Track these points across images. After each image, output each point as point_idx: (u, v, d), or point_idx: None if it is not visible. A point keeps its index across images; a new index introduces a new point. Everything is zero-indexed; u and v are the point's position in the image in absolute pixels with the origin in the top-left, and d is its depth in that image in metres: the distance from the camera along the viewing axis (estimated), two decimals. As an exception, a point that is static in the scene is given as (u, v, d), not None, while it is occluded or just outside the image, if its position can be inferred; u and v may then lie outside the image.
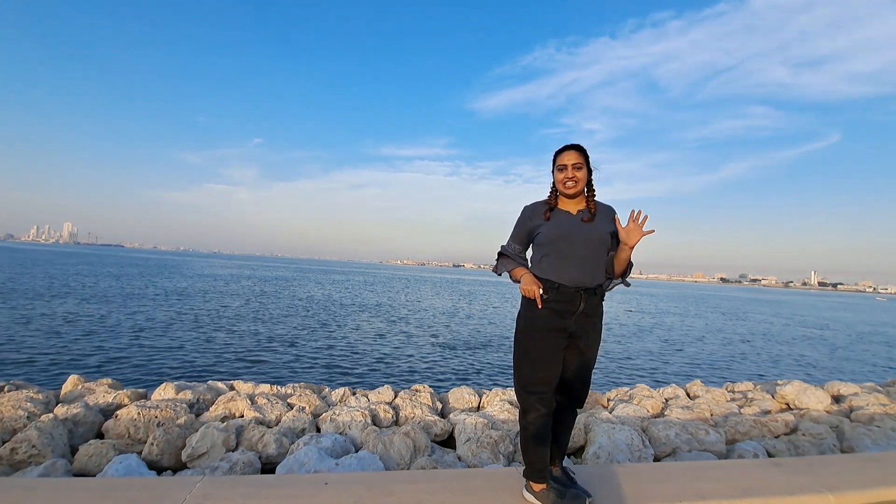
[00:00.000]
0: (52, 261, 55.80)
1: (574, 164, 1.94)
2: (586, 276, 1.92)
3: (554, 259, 1.94)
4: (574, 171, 1.94)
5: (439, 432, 3.99)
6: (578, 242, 1.93)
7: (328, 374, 9.32)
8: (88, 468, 3.01)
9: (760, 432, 4.22)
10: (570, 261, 1.92)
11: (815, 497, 2.13)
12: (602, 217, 1.99)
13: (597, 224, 1.96)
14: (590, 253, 1.93)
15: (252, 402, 4.15)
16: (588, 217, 1.97)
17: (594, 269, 1.94)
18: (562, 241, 1.94)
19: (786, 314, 39.56)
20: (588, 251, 1.93)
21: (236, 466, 3.01)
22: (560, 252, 1.94)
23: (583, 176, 1.95)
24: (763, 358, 15.46)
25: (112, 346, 10.37)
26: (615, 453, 3.50)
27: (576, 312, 1.91)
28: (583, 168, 1.95)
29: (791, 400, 5.28)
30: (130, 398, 4.16)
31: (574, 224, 1.96)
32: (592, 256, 1.93)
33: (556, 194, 2.02)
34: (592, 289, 1.93)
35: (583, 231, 1.94)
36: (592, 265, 1.94)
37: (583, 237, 1.93)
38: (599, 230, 1.95)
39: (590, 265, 1.93)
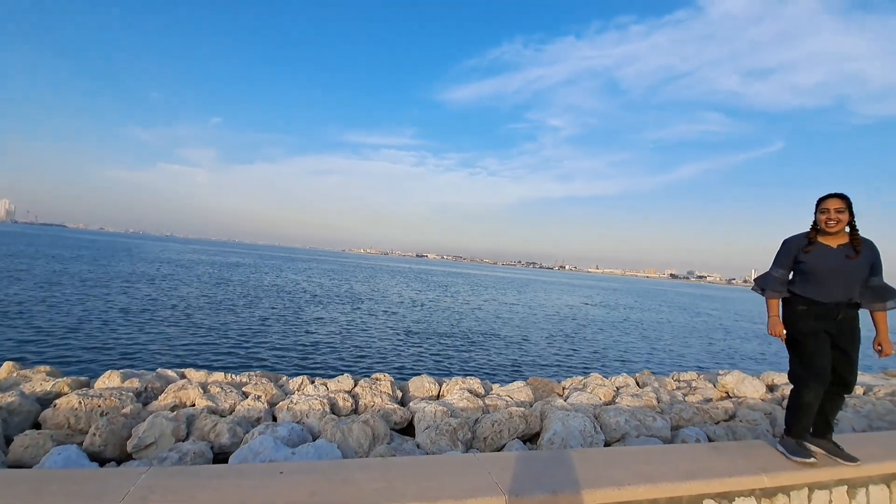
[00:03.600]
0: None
1: (836, 209, 2.51)
2: (842, 294, 2.55)
3: (812, 282, 2.62)
4: (836, 214, 2.50)
5: (399, 420, 3.99)
6: (836, 272, 2.55)
7: (286, 362, 9.14)
8: (24, 460, 2.82)
9: (702, 419, 4.47)
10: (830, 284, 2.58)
11: (751, 478, 2.29)
12: (864, 253, 2.52)
13: (859, 260, 2.51)
14: (846, 279, 2.54)
15: (204, 391, 4.01)
16: (852, 255, 2.52)
17: (850, 290, 2.55)
18: (821, 271, 2.58)
19: (728, 309, 41.98)
20: (846, 278, 2.55)
21: (186, 457, 2.90)
22: (818, 277, 2.60)
23: (844, 219, 2.50)
24: (708, 349, 16.37)
25: (53, 332, 9.73)
26: (569, 439, 3.61)
27: (836, 319, 2.56)
28: (844, 212, 2.50)
29: (731, 389, 5.61)
30: (71, 386, 3.92)
31: (833, 258, 2.56)
32: (847, 281, 2.54)
33: (815, 231, 2.62)
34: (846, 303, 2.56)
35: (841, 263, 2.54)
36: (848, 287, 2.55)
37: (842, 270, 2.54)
38: (859, 264, 2.52)
39: (846, 287, 2.55)
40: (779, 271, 2.75)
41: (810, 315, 2.61)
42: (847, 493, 2.50)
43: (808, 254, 2.61)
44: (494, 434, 3.67)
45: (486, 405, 4.42)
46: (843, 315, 2.57)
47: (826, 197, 2.57)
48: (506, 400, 4.68)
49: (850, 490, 2.51)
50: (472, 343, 13.12)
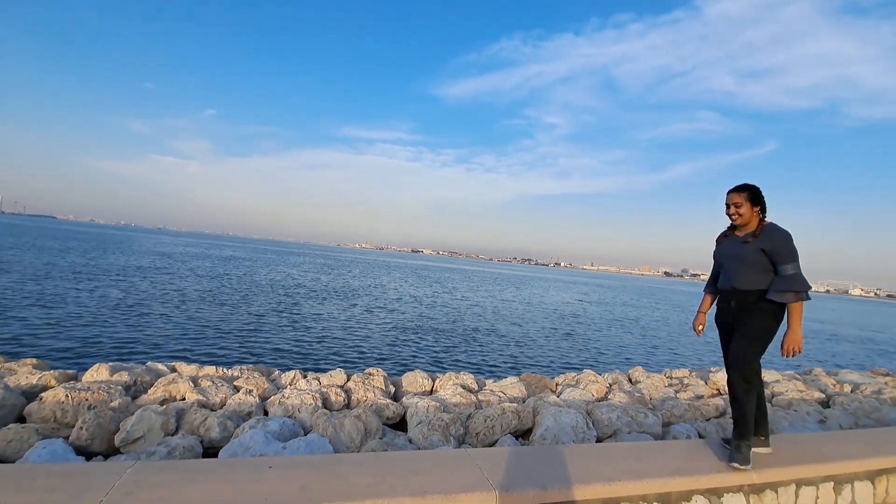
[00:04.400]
0: (-30, 231, 50.94)
1: (734, 204, 2.53)
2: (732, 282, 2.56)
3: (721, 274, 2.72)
4: (735, 209, 2.54)
5: (391, 415, 3.98)
6: (729, 259, 2.59)
7: (279, 356, 9.09)
8: (7, 454, 2.78)
9: (693, 415, 4.50)
10: (724, 273, 2.66)
11: (739, 474, 2.30)
12: (762, 237, 2.48)
13: (753, 243, 2.48)
14: (734, 266, 2.56)
15: (195, 385, 3.97)
16: (751, 238, 2.50)
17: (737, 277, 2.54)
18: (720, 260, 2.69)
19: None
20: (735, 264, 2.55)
21: (175, 451, 2.87)
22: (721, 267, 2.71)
23: (743, 212, 2.51)
24: (701, 347, 16.48)
25: (40, 324, 9.62)
26: (561, 435, 3.62)
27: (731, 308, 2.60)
28: (742, 205, 2.51)
29: (722, 386, 5.65)
30: (58, 379, 3.87)
31: (733, 245, 2.60)
32: (737, 267, 2.54)
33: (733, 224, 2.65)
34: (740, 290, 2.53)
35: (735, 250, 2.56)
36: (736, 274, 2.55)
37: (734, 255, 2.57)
38: (748, 249, 2.49)
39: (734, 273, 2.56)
40: (715, 266, 2.84)
41: (717, 306, 2.74)
42: (833, 490, 2.52)
43: (720, 245, 2.71)
44: (487, 429, 3.66)
45: (479, 401, 4.42)
46: (735, 303, 2.57)
47: (728, 191, 2.60)
48: (499, 396, 4.68)
49: (837, 486, 2.53)
50: (467, 339, 13.13)
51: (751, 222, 2.56)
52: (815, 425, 4.28)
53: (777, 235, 2.46)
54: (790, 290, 2.39)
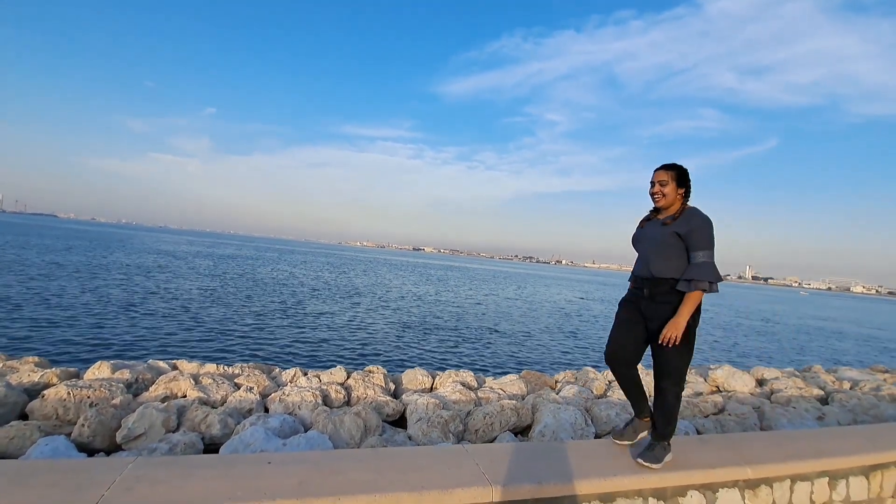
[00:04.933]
0: (-28, 230, 51.05)
1: (659, 181, 2.33)
2: (645, 269, 2.35)
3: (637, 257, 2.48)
4: (659, 187, 2.33)
5: (391, 412, 4.00)
6: (644, 243, 2.39)
7: (280, 354, 9.13)
8: (9, 451, 2.81)
9: (692, 412, 4.51)
10: (638, 258, 2.43)
11: (735, 469, 2.32)
12: (679, 220, 2.29)
13: (669, 226, 2.29)
14: (647, 251, 2.35)
15: (196, 382, 4.00)
16: (670, 220, 2.31)
17: (651, 263, 2.32)
18: (636, 244, 2.45)
19: (722, 304, 42.28)
20: (646, 249, 2.36)
21: (176, 448, 2.90)
22: (637, 252, 2.46)
23: (667, 191, 2.32)
24: (700, 344, 16.51)
25: (42, 323, 9.66)
26: (559, 432, 3.64)
27: (643, 296, 2.36)
28: (667, 184, 2.32)
29: (721, 383, 5.67)
30: (60, 377, 3.90)
31: (649, 229, 2.41)
32: (649, 253, 2.33)
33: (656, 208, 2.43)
34: (655, 278, 2.31)
35: (651, 233, 2.37)
36: (649, 259, 2.33)
37: (649, 239, 2.36)
38: (664, 232, 2.29)
39: (647, 260, 2.34)
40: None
41: (629, 290, 2.50)
42: (828, 485, 2.53)
43: (640, 229, 2.48)
44: (486, 426, 3.68)
45: (479, 398, 4.44)
46: (648, 291, 2.34)
47: (655, 169, 2.39)
48: (498, 393, 4.70)
49: (832, 481, 2.55)
50: (468, 337, 13.15)
51: (673, 205, 2.36)
52: (814, 422, 4.30)
53: (695, 219, 2.26)
54: (697, 278, 2.19)
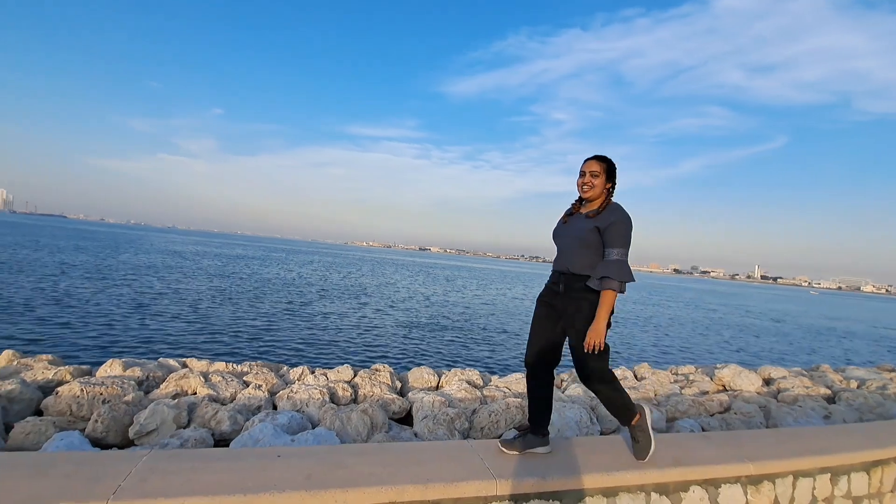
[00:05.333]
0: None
1: (591, 172, 2.23)
2: (562, 263, 2.26)
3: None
4: (590, 177, 2.23)
5: (397, 410, 4.05)
6: (564, 237, 2.29)
7: (288, 352, 9.21)
8: (25, 446, 2.89)
9: (698, 411, 4.52)
10: (558, 253, 2.33)
11: (737, 466, 2.33)
12: (601, 215, 2.20)
13: (590, 220, 2.21)
14: (567, 245, 2.26)
15: (206, 380, 4.07)
16: (593, 214, 2.23)
17: (568, 257, 2.23)
18: (556, 238, 2.35)
19: (731, 304, 41.98)
20: (567, 244, 2.26)
21: (187, 443, 2.96)
22: (556, 246, 2.36)
23: (597, 183, 2.23)
24: (708, 343, 16.41)
25: (55, 321, 9.82)
26: (564, 430, 3.67)
27: (558, 291, 2.27)
28: (599, 176, 2.22)
29: (727, 382, 5.66)
30: (73, 374, 3.99)
31: (571, 223, 2.31)
32: (568, 248, 2.25)
33: (579, 199, 2.33)
34: (571, 274, 2.21)
35: (571, 227, 2.28)
36: (567, 254, 2.25)
37: (569, 233, 2.27)
38: (584, 226, 2.21)
39: (565, 254, 2.26)
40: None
41: (546, 286, 2.36)
42: (830, 481, 2.54)
43: (564, 223, 2.35)
44: (491, 424, 3.72)
45: (485, 396, 4.48)
46: (563, 287, 2.23)
47: (586, 159, 2.28)
48: (504, 391, 4.73)
49: (833, 477, 2.56)
50: (474, 336, 13.18)
51: (599, 198, 2.27)
52: (820, 420, 4.29)
53: (615, 215, 2.17)
54: (608, 276, 2.09)
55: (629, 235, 2.16)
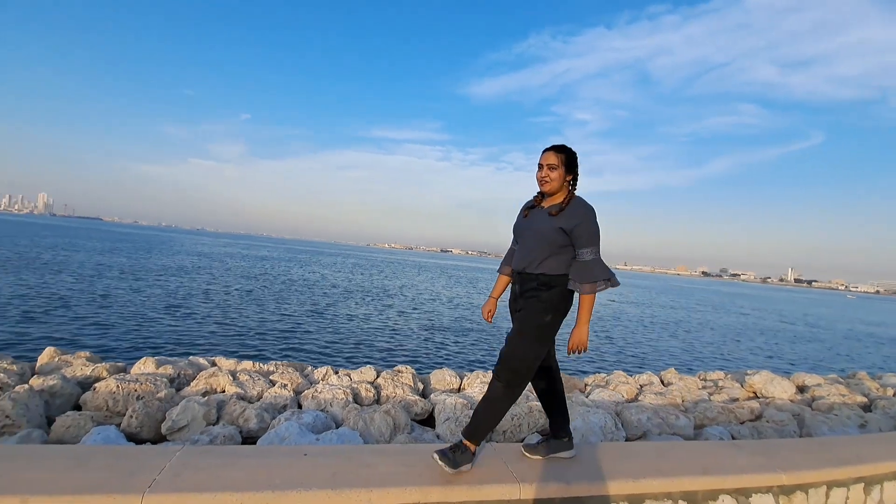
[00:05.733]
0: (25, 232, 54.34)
1: (549, 165, 2.10)
2: (520, 262, 2.16)
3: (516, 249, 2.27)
4: (548, 170, 2.11)
5: (420, 412, 4.07)
6: (526, 234, 2.17)
7: (312, 352, 9.36)
8: (65, 439, 3.01)
9: (727, 418, 4.40)
10: (518, 250, 2.21)
11: (769, 475, 2.26)
12: (566, 213, 2.07)
13: (555, 219, 2.08)
14: (529, 244, 2.13)
15: (234, 378, 4.18)
16: (555, 211, 2.09)
17: (528, 257, 2.12)
18: (517, 235, 2.23)
19: (763, 308, 40.65)
20: (529, 242, 2.14)
21: (217, 439, 3.05)
22: (517, 243, 2.25)
23: (556, 176, 2.10)
24: (738, 349, 15.93)
25: (91, 319, 10.23)
26: (588, 435, 3.62)
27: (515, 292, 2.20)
28: (557, 168, 2.10)
29: (758, 389, 5.49)
30: (109, 371, 4.15)
31: (534, 219, 2.17)
32: (530, 247, 2.12)
33: (541, 193, 2.20)
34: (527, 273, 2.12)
35: (534, 224, 2.15)
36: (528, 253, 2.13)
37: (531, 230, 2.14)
38: (548, 225, 2.08)
39: (525, 253, 2.14)
40: (513, 242, 2.34)
41: (510, 289, 2.27)
42: (864, 490, 2.44)
43: (525, 219, 2.22)
44: (514, 427, 3.70)
45: (506, 399, 4.46)
46: (519, 287, 2.15)
47: (543, 150, 2.15)
48: (526, 395, 4.70)
49: (867, 487, 2.46)
50: (496, 338, 13.13)
51: (560, 192, 2.15)
52: (855, 429, 4.12)
53: (580, 213, 2.05)
54: (587, 280, 2.00)
55: (598, 231, 2.08)
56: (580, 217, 2.04)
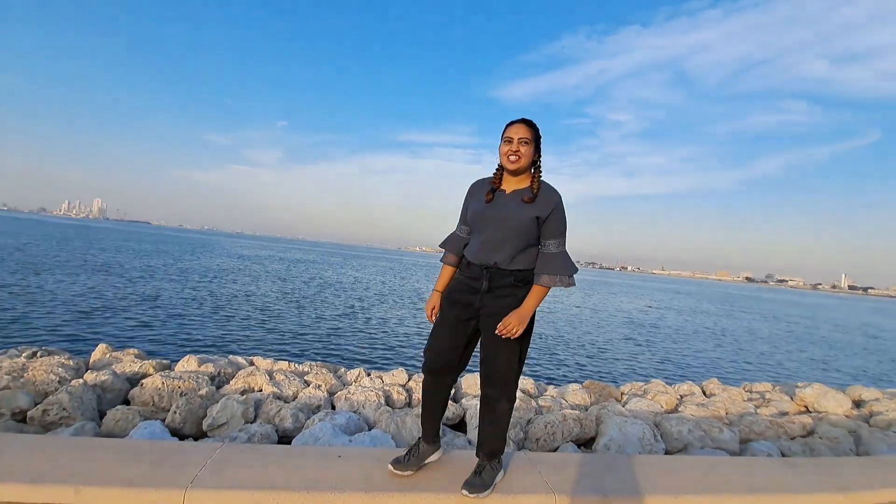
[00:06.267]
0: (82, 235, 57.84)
1: (521, 139, 1.84)
2: (490, 255, 1.88)
3: (474, 238, 1.95)
4: (520, 145, 1.84)
5: (451, 416, 4.05)
6: (495, 223, 1.87)
7: (345, 354, 9.51)
8: (115, 432, 3.16)
9: (776, 433, 4.16)
10: (482, 240, 1.91)
11: (825, 496, 2.12)
12: (539, 200, 1.87)
13: (528, 207, 1.86)
14: (501, 235, 1.87)
15: (270, 378, 4.28)
16: (529, 198, 1.86)
17: (500, 249, 1.87)
18: (481, 222, 1.90)
19: (815, 317, 38.46)
20: (500, 233, 1.87)
21: (254, 437, 3.13)
22: (478, 232, 1.93)
23: (527, 152, 1.85)
24: (787, 359, 15.12)
25: (139, 318, 10.75)
26: (626, 446, 3.51)
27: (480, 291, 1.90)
28: (529, 144, 1.85)
29: (810, 403, 5.17)
30: (155, 368, 4.33)
31: (501, 205, 1.90)
32: (501, 238, 1.86)
33: (501, 172, 1.93)
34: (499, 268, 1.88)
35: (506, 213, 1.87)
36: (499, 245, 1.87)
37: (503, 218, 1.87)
38: (523, 214, 1.85)
39: (496, 245, 1.87)
40: (460, 227, 2.05)
41: (460, 280, 1.97)
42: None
43: (487, 203, 1.91)
44: (547, 436, 3.63)
45: (540, 406, 4.38)
46: (488, 284, 1.88)
47: (511, 123, 1.88)
48: (560, 402, 4.61)
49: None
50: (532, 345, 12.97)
51: (525, 173, 1.91)
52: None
53: (555, 198, 1.86)
54: (559, 273, 1.83)
55: (566, 222, 1.90)
56: (554, 204, 1.85)
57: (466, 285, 1.94)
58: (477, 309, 1.91)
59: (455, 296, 1.96)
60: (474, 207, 1.94)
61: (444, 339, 1.95)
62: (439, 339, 1.97)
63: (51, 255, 25.21)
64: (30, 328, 8.78)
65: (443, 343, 1.95)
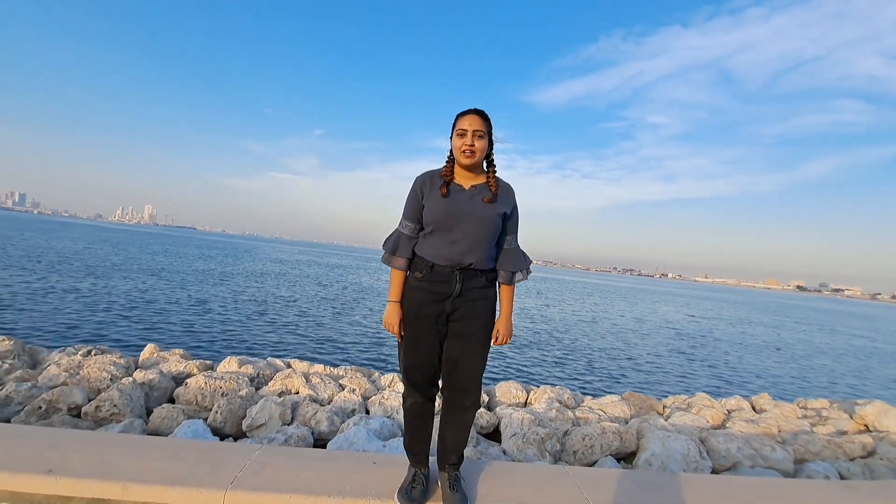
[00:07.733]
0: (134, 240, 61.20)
1: (475, 132, 1.74)
2: (464, 256, 1.77)
3: (437, 237, 1.80)
4: (474, 138, 1.74)
5: (485, 425, 3.99)
6: (467, 222, 1.76)
7: (379, 359, 9.59)
8: (161, 429, 3.29)
9: (834, 453, 3.88)
10: (451, 239, 1.78)
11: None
12: (501, 197, 1.81)
13: (495, 205, 1.79)
14: (474, 233, 1.77)
15: (307, 381, 4.35)
16: (489, 197, 1.78)
17: (475, 249, 1.78)
18: (449, 220, 1.77)
19: (876, 329, 35.91)
20: (474, 231, 1.77)
21: (291, 439, 3.18)
22: (445, 230, 1.78)
23: (482, 146, 1.76)
24: (844, 375, 14.16)
25: (184, 319, 11.24)
26: (669, 462, 3.35)
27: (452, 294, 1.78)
28: (484, 137, 1.76)
29: (871, 421, 4.80)
30: (199, 368, 4.49)
31: (465, 201, 1.79)
32: (475, 236, 1.77)
33: (452, 165, 1.83)
34: (472, 269, 1.79)
35: (475, 210, 1.77)
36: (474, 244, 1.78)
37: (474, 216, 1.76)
38: (493, 212, 1.78)
39: (470, 244, 1.78)
40: (407, 224, 1.85)
41: (423, 286, 1.79)
42: None
43: (444, 198, 1.76)
44: (585, 448, 3.52)
45: (577, 417, 4.26)
46: (462, 286, 1.76)
47: (463, 113, 1.76)
48: (598, 414, 4.46)
49: None
50: (563, 351, 12.70)
51: (478, 168, 1.83)
52: None
53: (513, 193, 1.84)
54: (519, 268, 1.85)
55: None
56: (513, 200, 1.84)
57: (431, 291, 1.78)
58: (448, 315, 1.79)
59: (423, 309, 1.79)
60: (434, 205, 1.78)
61: (421, 354, 1.81)
62: (417, 355, 1.81)
63: (106, 259, 26.78)
64: (86, 327, 9.33)
65: (422, 358, 1.81)
